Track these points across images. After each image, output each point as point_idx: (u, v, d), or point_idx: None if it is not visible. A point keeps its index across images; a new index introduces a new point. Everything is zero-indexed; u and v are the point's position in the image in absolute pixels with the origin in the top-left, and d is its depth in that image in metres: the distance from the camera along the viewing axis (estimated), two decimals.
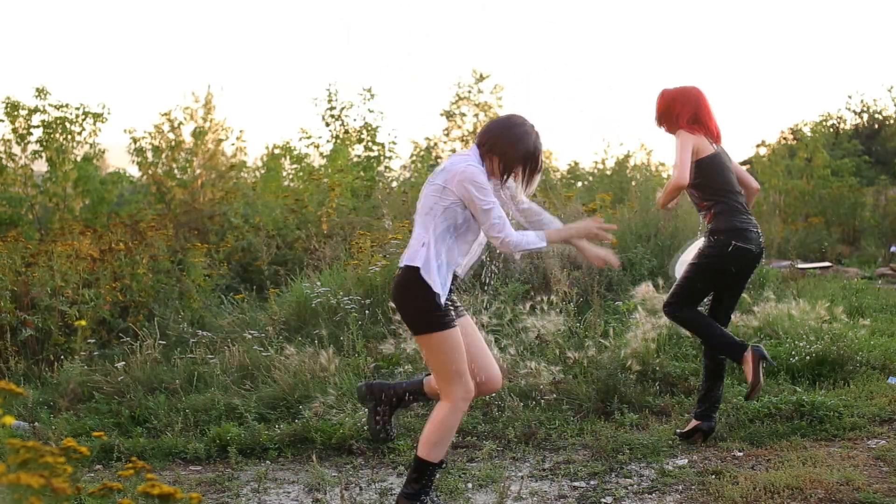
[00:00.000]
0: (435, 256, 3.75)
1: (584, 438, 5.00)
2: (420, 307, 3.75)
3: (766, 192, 15.20)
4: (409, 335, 6.12)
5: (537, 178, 3.93)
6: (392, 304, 3.88)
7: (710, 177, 4.86)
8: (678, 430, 4.96)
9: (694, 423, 4.90)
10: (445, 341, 3.73)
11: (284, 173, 13.25)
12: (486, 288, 7.04)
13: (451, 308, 3.82)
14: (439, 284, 3.73)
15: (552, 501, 4.17)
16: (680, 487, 4.25)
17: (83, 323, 6.10)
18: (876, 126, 22.39)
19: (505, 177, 3.86)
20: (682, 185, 4.79)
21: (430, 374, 4.05)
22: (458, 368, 3.76)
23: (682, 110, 4.95)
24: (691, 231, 8.43)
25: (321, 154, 13.43)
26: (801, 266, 10.99)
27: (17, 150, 11.89)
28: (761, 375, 4.70)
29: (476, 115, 19.92)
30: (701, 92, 5.03)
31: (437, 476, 4.08)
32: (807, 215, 14.42)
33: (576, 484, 4.37)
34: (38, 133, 11.91)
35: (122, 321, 7.25)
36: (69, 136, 11.99)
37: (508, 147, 3.82)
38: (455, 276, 3.87)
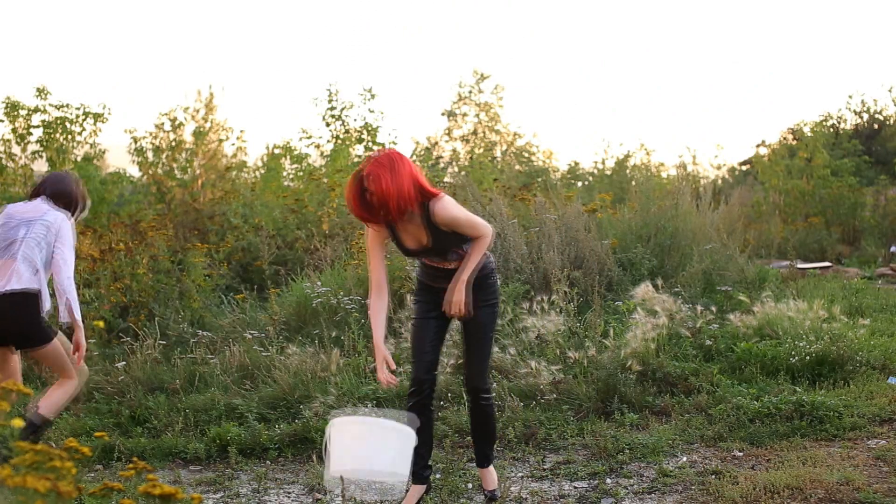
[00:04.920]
0: None
1: (584, 438, 5.00)
2: None
3: (766, 192, 15.19)
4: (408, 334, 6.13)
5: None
6: None
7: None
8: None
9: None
10: None
11: (285, 173, 13.24)
12: None
13: None
14: None
15: (552, 501, 4.17)
16: (680, 487, 4.26)
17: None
18: (876, 126, 22.36)
19: None
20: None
21: None
22: None
23: (420, 173, 3.99)
24: (691, 231, 8.42)
25: (322, 154, 13.42)
26: (800, 266, 10.99)
27: (17, 150, 11.87)
28: None
29: (477, 115, 19.93)
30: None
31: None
32: (807, 215, 14.41)
33: (576, 484, 4.38)
34: (38, 133, 11.89)
35: (123, 321, 7.25)
36: (69, 136, 11.96)
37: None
38: None
